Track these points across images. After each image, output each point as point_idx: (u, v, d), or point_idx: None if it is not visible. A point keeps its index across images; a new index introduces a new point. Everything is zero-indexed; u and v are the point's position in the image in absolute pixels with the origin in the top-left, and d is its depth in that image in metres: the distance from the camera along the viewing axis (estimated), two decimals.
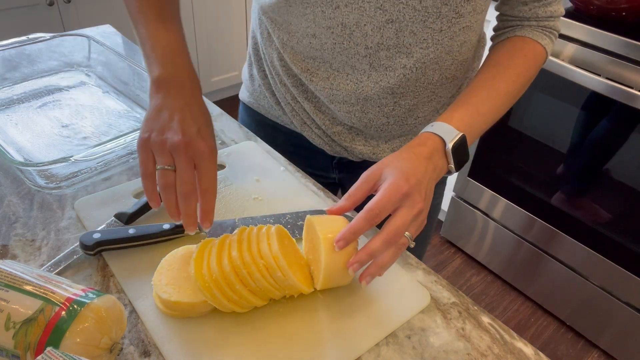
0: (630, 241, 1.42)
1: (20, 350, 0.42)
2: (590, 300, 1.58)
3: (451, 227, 1.95)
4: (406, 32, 0.62)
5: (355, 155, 0.80)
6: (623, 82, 1.27)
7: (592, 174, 1.46)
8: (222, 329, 0.52)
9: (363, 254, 0.50)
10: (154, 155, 0.53)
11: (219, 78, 2.62)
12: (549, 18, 0.68)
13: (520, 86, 0.66)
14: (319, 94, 0.73)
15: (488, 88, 0.64)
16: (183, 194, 0.52)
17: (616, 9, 1.28)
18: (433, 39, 0.63)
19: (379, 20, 0.61)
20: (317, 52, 0.68)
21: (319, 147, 0.81)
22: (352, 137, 0.78)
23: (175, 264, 0.55)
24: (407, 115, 0.73)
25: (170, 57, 0.59)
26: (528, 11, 0.67)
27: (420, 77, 0.67)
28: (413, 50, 0.64)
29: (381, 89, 0.68)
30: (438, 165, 0.57)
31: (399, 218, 0.51)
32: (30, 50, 0.93)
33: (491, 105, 0.63)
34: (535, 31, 0.68)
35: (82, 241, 0.57)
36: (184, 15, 2.28)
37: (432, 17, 0.60)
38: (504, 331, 0.56)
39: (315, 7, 0.62)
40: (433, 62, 0.66)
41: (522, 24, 0.68)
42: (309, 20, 0.64)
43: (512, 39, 0.68)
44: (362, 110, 0.72)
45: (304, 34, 0.67)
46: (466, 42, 0.66)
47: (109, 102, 0.89)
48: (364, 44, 0.64)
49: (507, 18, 0.70)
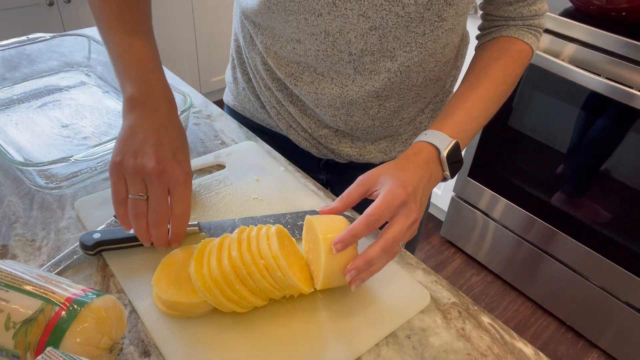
0: (630, 241, 1.42)
1: (20, 350, 0.42)
2: (590, 300, 1.58)
3: (451, 227, 1.95)
4: (390, 38, 0.62)
5: (342, 157, 0.81)
6: (623, 82, 1.27)
7: (592, 174, 1.46)
8: (222, 329, 0.52)
9: (361, 262, 0.50)
10: (126, 180, 0.52)
11: (219, 78, 2.62)
12: (534, 17, 0.68)
13: (509, 86, 0.67)
14: (304, 98, 0.73)
15: (478, 91, 0.64)
16: (154, 223, 0.52)
17: (616, 9, 1.28)
18: (416, 42, 0.63)
19: (362, 27, 0.61)
20: (301, 57, 0.67)
21: (306, 150, 0.82)
22: (338, 139, 0.78)
23: (175, 264, 0.55)
24: (392, 117, 0.73)
25: (144, 75, 0.56)
26: (513, 11, 0.67)
27: (404, 80, 0.67)
28: (397, 54, 0.64)
29: (366, 93, 0.68)
30: (433, 173, 0.58)
31: (396, 227, 0.52)
32: (30, 50, 0.93)
33: (482, 107, 0.64)
34: (521, 30, 0.68)
35: (82, 241, 0.57)
36: (184, 15, 2.29)
37: (415, 21, 0.60)
38: (504, 331, 0.56)
39: (298, 14, 0.61)
40: (417, 65, 0.66)
41: (508, 23, 0.69)
42: (292, 27, 0.64)
43: (499, 39, 0.69)
44: (348, 113, 0.72)
45: (287, 40, 0.66)
46: (449, 44, 0.66)
47: (109, 102, 0.89)
48: (347, 50, 0.64)
49: (492, 18, 0.70)
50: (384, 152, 0.80)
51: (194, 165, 0.75)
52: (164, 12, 2.22)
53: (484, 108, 0.64)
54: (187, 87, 0.97)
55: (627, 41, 1.23)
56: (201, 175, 0.74)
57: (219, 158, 0.77)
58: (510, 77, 0.66)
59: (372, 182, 0.56)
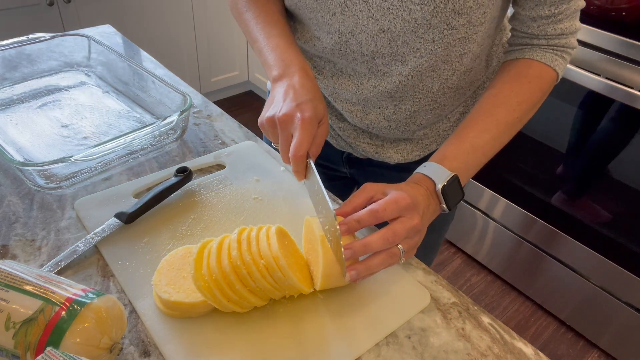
0: (630, 241, 1.42)
1: (20, 350, 0.42)
2: (590, 300, 1.58)
3: (451, 227, 1.95)
4: (399, 42, 0.62)
5: (359, 152, 0.82)
6: (623, 82, 1.27)
7: (592, 174, 1.46)
8: (222, 329, 0.52)
9: (358, 244, 0.51)
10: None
11: (219, 78, 2.62)
12: (560, 36, 0.64)
13: (523, 114, 0.63)
14: (324, 91, 0.75)
15: (486, 119, 0.62)
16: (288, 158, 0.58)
17: (616, 9, 1.28)
18: (426, 48, 0.62)
19: (371, 29, 0.61)
20: (321, 53, 0.70)
21: (328, 140, 0.83)
22: (357, 134, 0.79)
23: (175, 264, 0.55)
24: (408, 121, 0.73)
25: (281, 56, 0.64)
26: (537, 28, 0.64)
27: (417, 84, 0.67)
28: (407, 58, 0.64)
29: (380, 92, 0.69)
30: (432, 204, 0.58)
31: (399, 223, 0.53)
32: (30, 50, 0.93)
33: (490, 137, 0.62)
34: (544, 52, 0.65)
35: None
36: (184, 15, 2.29)
37: (423, 28, 0.59)
38: (504, 331, 0.56)
39: (317, 12, 0.64)
40: (429, 70, 0.65)
41: (532, 42, 0.66)
42: (313, 24, 0.66)
43: (518, 62, 0.66)
44: (364, 111, 0.73)
45: (310, 36, 0.69)
46: (467, 53, 0.64)
47: (109, 102, 0.89)
48: (360, 51, 0.65)
49: (517, 33, 0.68)
50: (400, 154, 0.80)
51: (194, 165, 0.75)
52: (164, 13, 2.22)
53: (492, 137, 0.62)
54: (187, 87, 0.97)
55: (627, 41, 1.23)
56: (201, 175, 0.74)
57: (219, 158, 0.77)
58: (525, 104, 0.63)
59: (377, 191, 0.57)
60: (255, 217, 0.67)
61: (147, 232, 0.63)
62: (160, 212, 0.66)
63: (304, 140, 0.55)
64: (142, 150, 0.77)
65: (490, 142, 0.62)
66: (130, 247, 0.61)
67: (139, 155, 0.77)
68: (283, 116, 0.56)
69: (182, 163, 0.77)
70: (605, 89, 1.29)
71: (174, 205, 0.68)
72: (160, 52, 2.28)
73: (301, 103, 0.57)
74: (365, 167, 0.86)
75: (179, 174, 0.69)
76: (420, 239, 0.56)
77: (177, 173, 0.69)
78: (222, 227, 0.65)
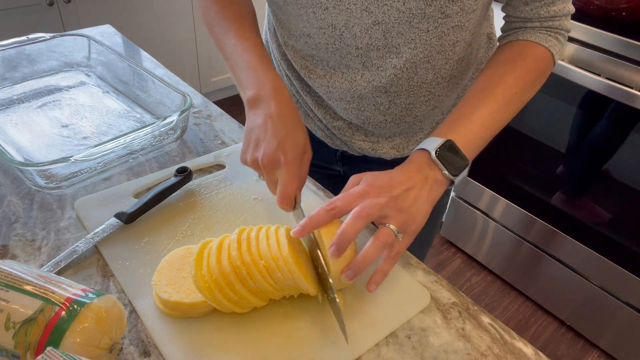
0: (630, 241, 1.42)
1: (20, 350, 0.42)
2: (590, 300, 1.58)
3: (451, 227, 1.95)
4: (393, 33, 0.62)
5: (355, 150, 0.82)
6: (623, 82, 1.27)
7: (592, 174, 1.46)
8: (222, 329, 0.52)
9: (335, 237, 0.51)
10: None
11: (219, 78, 2.62)
12: (553, 18, 0.65)
13: (521, 89, 0.63)
14: (317, 90, 0.75)
15: (481, 94, 0.62)
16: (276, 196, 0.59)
17: (616, 9, 1.28)
18: (421, 39, 0.62)
19: (365, 22, 0.61)
20: (313, 50, 0.69)
21: (322, 140, 0.83)
22: (352, 132, 0.79)
23: (175, 264, 0.55)
24: (404, 114, 0.73)
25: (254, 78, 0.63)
26: (530, 12, 0.65)
27: (412, 77, 0.67)
28: (402, 50, 0.64)
29: (374, 88, 0.68)
30: (429, 175, 0.57)
31: (367, 202, 0.52)
32: (30, 50, 0.93)
33: (487, 110, 0.61)
34: (538, 33, 0.65)
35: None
36: (184, 15, 2.29)
37: (417, 17, 0.60)
38: (504, 331, 0.56)
39: (308, 8, 0.63)
40: (424, 62, 0.65)
41: (525, 25, 0.67)
42: (303, 21, 0.65)
43: (512, 43, 0.66)
44: (359, 107, 0.73)
45: (300, 34, 0.68)
46: (459, 42, 0.65)
47: (109, 102, 0.89)
48: (354, 44, 0.64)
49: (510, 19, 0.69)
50: (396, 149, 0.80)
51: (194, 165, 0.75)
52: (164, 13, 2.22)
53: (490, 111, 0.61)
54: (187, 87, 0.97)
55: (627, 41, 1.23)
56: (201, 175, 0.74)
57: (219, 158, 0.77)
58: (522, 80, 0.63)
59: (354, 182, 0.57)
60: (255, 217, 0.67)
61: (147, 232, 0.63)
62: (160, 212, 0.66)
63: (289, 183, 0.57)
64: (142, 150, 0.77)
65: (488, 115, 0.62)
66: (130, 247, 0.61)
67: (139, 155, 0.77)
68: (267, 160, 0.57)
69: (182, 163, 0.77)
70: (605, 88, 1.29)
71: (174, 205, 0.68)
72: (160, 52, 2.28)
73: (282, 141, 0.57)
74: (359, 164, 0.86)
75: (179, 174, 0.69)
76: (413, 217, 0.54)
77: (177, 173, 0.69)
78: (222, 227, 0.65)
